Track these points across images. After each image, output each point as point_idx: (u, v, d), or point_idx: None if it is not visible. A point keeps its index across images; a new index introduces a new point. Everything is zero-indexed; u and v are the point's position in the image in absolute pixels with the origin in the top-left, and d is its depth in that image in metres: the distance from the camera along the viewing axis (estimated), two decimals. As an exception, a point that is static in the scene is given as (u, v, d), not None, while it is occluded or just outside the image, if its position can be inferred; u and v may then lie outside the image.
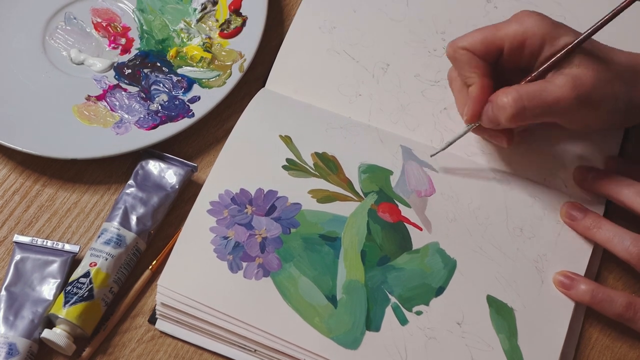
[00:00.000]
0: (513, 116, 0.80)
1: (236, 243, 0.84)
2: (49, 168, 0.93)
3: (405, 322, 0.81)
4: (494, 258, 0.84)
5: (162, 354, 0.83)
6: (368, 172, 0.89)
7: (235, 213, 0.86)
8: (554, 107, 0.80)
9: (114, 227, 0.85)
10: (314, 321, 0.80)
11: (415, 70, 0.95)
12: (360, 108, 0.94)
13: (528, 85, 0.81)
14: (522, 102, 0.80)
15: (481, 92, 0.83)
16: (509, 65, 0.84)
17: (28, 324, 0.81)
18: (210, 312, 0.81)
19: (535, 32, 0.81)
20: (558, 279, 0.83)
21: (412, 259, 0.84)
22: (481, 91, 0.83)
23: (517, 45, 0.82)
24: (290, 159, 0.89)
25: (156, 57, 0.98)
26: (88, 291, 0.82)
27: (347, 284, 0.82)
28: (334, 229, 0.85)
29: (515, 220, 0.86)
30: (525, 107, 0.80)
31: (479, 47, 0.83)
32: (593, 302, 0.82)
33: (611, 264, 0.86)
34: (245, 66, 0.96)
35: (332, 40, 0.97)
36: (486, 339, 0.80)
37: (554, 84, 0.80)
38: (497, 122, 0.82)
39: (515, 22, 0.82)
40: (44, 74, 0.97)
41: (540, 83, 0.81)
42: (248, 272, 0.83)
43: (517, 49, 0.82)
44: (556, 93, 0.79)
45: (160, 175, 0.90)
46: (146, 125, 0.93)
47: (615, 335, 0.84)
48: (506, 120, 0.81)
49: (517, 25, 0.82)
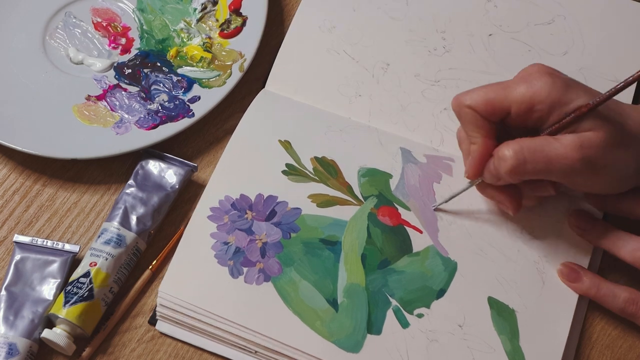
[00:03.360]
0: (513, 168, 0.77)
1: (237, 248, 0.84)
2: (49, 168, 0.93)
3: (407, 324, 0.81)
4: (494, 260, 0.84)
5: (162, 354, 0.83)
6: (367, 175, 0.88)
7: (236, 218, 0.86)
8: (556, 164, 0.76)
9: (114, 227, 0.85)
10: (315, 325, 0.80)
11: (416, 70, 0.95)
12: (360, 108, 0.93)
13: (532, 139, 0.78)
14: (522, 154, 0.76)
15: (483, 152, 0.80)
16: (515, 124, 0.80)
17: (28, 324, 0.81)
18: (211, 317, 0.81)
19: (545, 98, 0.77)
20: (563, 270, 0.83)
21: (412, 262, 0.84)
22: (483, 151, 0.80)
23: (525, 110, 0.78)
24: (289, 164, 0.89)
25: (156, 57, 0.98)
26: (88, 291, 0.82)
27: (347, 287, 0.82)
28: (334, 233, 0.85)
29: (515, 222, 0.86)
30: (526, 159, 0.76)
31: (484, 108, 0.79)
32: (596, 296, 0.82)
33: (611, 265, 0.86)
34: (245, 66, 0.96)
35: (332, 40, 0.97)
36: (488, 341, 0.80)
37: (560, 142, 0.76)
38: (498, 176, 0.79)
39: (523, 84, 0.78)
40: (44, 74, 0.97)
41: (545, 138, 0.77)
42: (249, 277, 0.83)
43: (525, 113, 0.78)
44: (559, 150, 0.76)
45: (160, 175, 0.90)
46: (146, 125, 0.93)
47: (615, 335, 0.84)
48: (505, 173, 0.78)
49: (526, 88, 0.78)
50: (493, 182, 0.81)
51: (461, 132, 0.84)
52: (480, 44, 0.95)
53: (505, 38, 0.96)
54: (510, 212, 0.83)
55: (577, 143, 0.76)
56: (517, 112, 0.78)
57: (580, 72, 0.93)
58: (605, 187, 0.81)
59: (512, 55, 0.95)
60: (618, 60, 0.94)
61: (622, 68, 0.92)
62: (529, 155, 0.76)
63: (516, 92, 0.78)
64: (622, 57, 0.94)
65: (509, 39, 0.96)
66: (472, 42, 0.96)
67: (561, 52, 0.94)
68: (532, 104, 0.77)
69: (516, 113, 0.78)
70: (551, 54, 0.94)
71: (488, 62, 0.95)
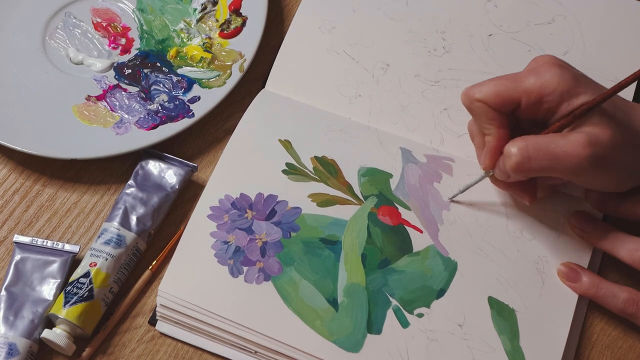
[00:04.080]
0: (517, 165, 0.77)
1: (237, 248, 0.84)
2: (49, 168, 0.93)
3: (407, 324, 0.81)
4: (494, 259, 0.84)
5: (162, 354, 0.83)
6: (368, 175, 0.89)
7: (236, 218, 0.86)
8: (562, 161, 0.76)
9: (114, 227, 0.85)
10: (315, 324, 0.80)
11: (415, 70, 0.95)
12: (360, 109, 0.93)
13: (539, 136, 0.78)
14: (527, 151, 0.76)
15: (498, 142, 0.80)
16: (526, 117, 0.80)
17: (28, 324, 0.81)
18: (211, 316, 0.81)
19: (554, 89, 0.77)
20: (563, 270, 0.83)
21: (412, 262, 0.84)
22: (498, 141, 0.80)
23: (534, 101, 0.78)
24: (289, 163, 0.89)
25: (156, 57, 0.98)
26: (88, 291, 0.82)
27: (348, 287, 0.82)
28: (334, 232, 0.85)
29: (515, 222, 0.86)
30: (530, 157, 0.76)
31: (495, 100, 0.79)
32: (596, 296, 0.82)
33: (611, 265, 0.86)
34: (245, 66, 0.96)
35: (332, 40, 0.97)
36: (488, 341, 0.80)
37: (567, 139, 0.76)
38: (505, 173, 0.80)
39: (533, 75, 0.78)
40: (44, 74, 0.97)
41: (551, 135, 0.77)
42: (249, 277, 0.83)
43: (535, 104, 0.78)
44: (566, 147, 0.76)
45: (160, 175, 0.90)
46: (146, 125, 0.93)
47: (615, 335, 0.84)
48: (510, 170, 0.78)
49: (535, 79, 0.78)
50: (504, 178, 0.81)
51: (472, 126, 0.85)
52: (480, 44, 0.96)
53: (505, 38, 0.96)
54: (526, 202, 0.84)
55: (584, 140, 0.75)
56: (527, 103, 0.78)
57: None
58: (610, 185, 0.81)
59: (512, 55, 0.95)
60: (618, 60, 0.94)
61: (622, 68, 0.92)
62: (534, 152, 0.76)
63: (526, 84, 0.78)
64: (622, 57, 0.94)
65: (509, 39, 0.96)
66: (472, 42, 0.96)
67: (561, 51, 0.94)
68: (541, 95, 0.77)
69: (526, 104, 0.78)
70: (551, 53, 0.94)
71: (488, 62, 0.95)
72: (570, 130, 0.77)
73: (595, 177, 0.78)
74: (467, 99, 0.81)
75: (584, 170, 0.76)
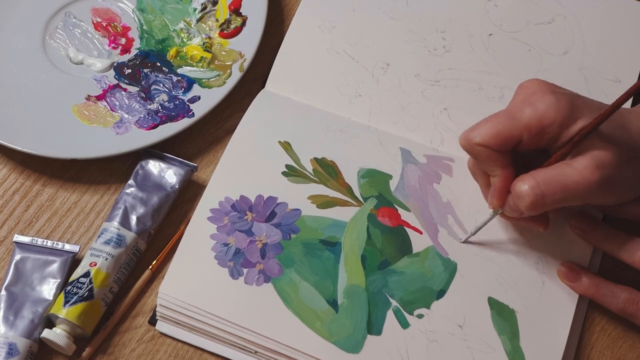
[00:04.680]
0: (532, 204, 0.76)
1: (237, 249, 0.84)
2: (49, 168, 0.93)
3: (407, 325, 0.81)
4: (494, 260, 0.84)
5: (162, 354, 0.83)
6: (367, 176, 0.88)
7: (236, 220, 0.86)
8: (573, 191, 0.75)
9: (114, 227, 0.85)
10: (316, 326, 0.80)
11: (415, 70, 0.95)
12: (360, 108, 0.93)
13: (546, 170, 0.77)
14: (539, 189, 0.76)
15: (504, 183, 0.79)
16: (527, 149, 0.79)
17: (28, 324, 0.81)
18: (211, 317, 0.81)
19: (553, 120, 0.76)
20: (563, 270, 0.83)
21: (412, 263, 0.84)
22: (504, 182, 0.79)
23: (535, 135, 0.77)
24: (289, 165, 0.89)
25: (156, 57, 0.98)
26: (88, 291, 0.82)
27: (348, 288, 0.82)
28: (334, 234, 0.85)
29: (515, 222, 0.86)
30: (544, 194, 0.75)
31: (496, 142, 0.78)
32: (596, 296, 0.82)
33: (611, 265, 0.86)
34: (245, 66, 0.96)
35: (332, 40, 0.97)
36: (488, 341, 0.80)
37: (573, 167, 0.76)
38: (519, 212, 0.79)
39: (528, 107, 0.77)
40: (44, 74, 0.97)
41: (559, 166, 0.76)
42: (249, 278, 0.83)
43: (536, 137, 0.77)
44: (575, 177, 0.75)
45: (160, 175, 0.90)
46: (146, 125, 0.92)
47: (615, 335, 0.84)
48: (526, 210, 0.77)
49: (531, 112, 0.77)
50: (516, 216, 0.81)
51: (473, 165, 0.84)
52: (480, 44, 0.95)
53: (505, 38, 0.96)
54: (540, 230, 0.83)
55: (592, 165, 0.75)
56: (529, 138, 0.77)
57: (580, 71, 0.93)
58: (613, 200, 0.80)
59: (512, 55, 0.95)
60: (618, 60, 0.93)
61: (622, 68, 0.92)
62: (546, 188, 0.76)
63: (524, 119, 0.77)
64: (622, 57, 0.94)
65: (509, 38, 0.96)
66: (472, 42, 0.96)
67: (561, 51, 0.94)
68: (541, 128, 0.77)
69: (527, 139, 0.78)
70: (551, 53, 0.94)
71: (488, 62, 0.95)
72: (574, 156, 0.76)
73: (604, 196, 0.78)
74: (467, 144, 0.80)
75: (593, 194, 0.76)
